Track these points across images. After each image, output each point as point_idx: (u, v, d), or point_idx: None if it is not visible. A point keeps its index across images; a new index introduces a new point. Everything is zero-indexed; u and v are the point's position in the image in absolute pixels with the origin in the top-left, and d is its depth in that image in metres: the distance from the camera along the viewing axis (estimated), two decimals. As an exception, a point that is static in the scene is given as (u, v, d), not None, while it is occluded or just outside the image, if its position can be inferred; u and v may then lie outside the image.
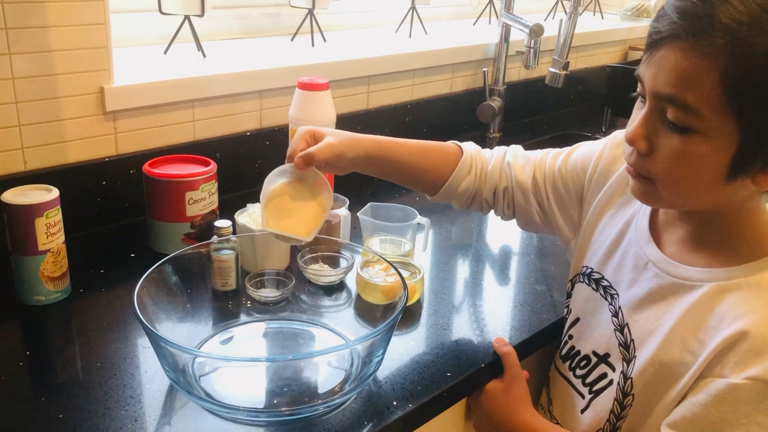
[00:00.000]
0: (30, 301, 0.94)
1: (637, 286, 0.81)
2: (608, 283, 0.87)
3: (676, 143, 0.69)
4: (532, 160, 0.97)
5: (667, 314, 0.77)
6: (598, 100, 2.13)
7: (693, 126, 0.67)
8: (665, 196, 0.74)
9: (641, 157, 0.73)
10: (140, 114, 1.19)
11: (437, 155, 0.96)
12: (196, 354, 0.84)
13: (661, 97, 0.69)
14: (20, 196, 0.91)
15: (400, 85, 1.63)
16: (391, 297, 0.94)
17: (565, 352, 0.92)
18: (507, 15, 1.72)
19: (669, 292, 0.78)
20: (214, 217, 1.11)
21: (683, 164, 0.69)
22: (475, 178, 0.96)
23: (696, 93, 0.65)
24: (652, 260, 0.80)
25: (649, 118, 0.71)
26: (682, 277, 0.77)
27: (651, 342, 0.78)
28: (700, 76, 0.65)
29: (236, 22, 1.56)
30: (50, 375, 0.82)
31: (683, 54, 0.65)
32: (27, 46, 1.02)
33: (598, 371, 0.85)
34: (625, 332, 0.82)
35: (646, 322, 0.79)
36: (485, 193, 0.97)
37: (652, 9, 2.44)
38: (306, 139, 0.86)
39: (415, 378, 0.85)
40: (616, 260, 0.86)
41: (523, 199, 0.96)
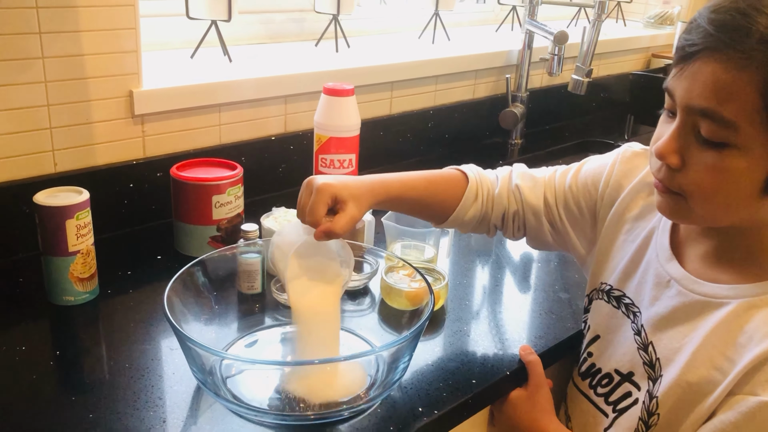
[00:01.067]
0: (59, 302, 0.95)
1: (659, 303, 0.80)
2: (630, 301, 0.85)
3: (710, 158, 0.67)
4: (541, 180, 0.95)
5: (693, 332, 0.76)
6: (621, 108, 2.12)
7: (729, 140, 0.65)
8: (697, 212, 0.72)
9: (671, 172, 0.71)
10: (168, 117, 1.20)
11: (443, 187, 0.94)
12: (224, 356, 0.84)
13: (695, 110, 0.67)
14: (51, 198, 0.93)
15: (422, 91, 1.63)
16: (416, 303, 0.95)
17: (585, 369, 0.91)
18: (531, 22, 1.72)
19: (694, 309, 0.77)
20: (239, 221, 1.12)
21: (718, 180, 0.68)
22: (482, 206, 0.95)
23: (734, 106, 0.64)
24: (675, 278, 0.79)
25: (680, 133, 0.69)
26: (708, 294, 0.76)
27: (677, 361, 0.77)
28: (739, 88, 0.63)
29: (261, 27, 1.58)
30: (80, 375, 0.84)
31: (720, 66, 0.64)
32: (59, 50, 1.04)
33: (621, 390, 0.84)
34: (649, 351, 0.80)
35: (671, 340, 0.78)
36: (493, 218, 0.96)
37: (676, 17, 2.43)
38: (327, 203, 0.81)
39: (440, 384, 0.85)
40: (637, 277, 0.85)
41: (535, 222, 0.95)
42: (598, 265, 0.92)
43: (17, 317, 0.93)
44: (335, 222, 0.80)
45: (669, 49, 2.39)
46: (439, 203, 0.94)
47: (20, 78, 1.02)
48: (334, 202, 0.81)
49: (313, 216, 0.80)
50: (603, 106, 2.19)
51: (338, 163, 1.23)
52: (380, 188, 0.88)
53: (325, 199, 0.80)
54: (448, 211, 0.94)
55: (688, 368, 0.75)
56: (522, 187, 0.95)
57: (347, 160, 1.23)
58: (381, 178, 0.90)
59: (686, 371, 0.75)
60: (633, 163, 0.90)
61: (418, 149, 1.65)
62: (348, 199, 0.82)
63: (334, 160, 1.22)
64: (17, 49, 1.00)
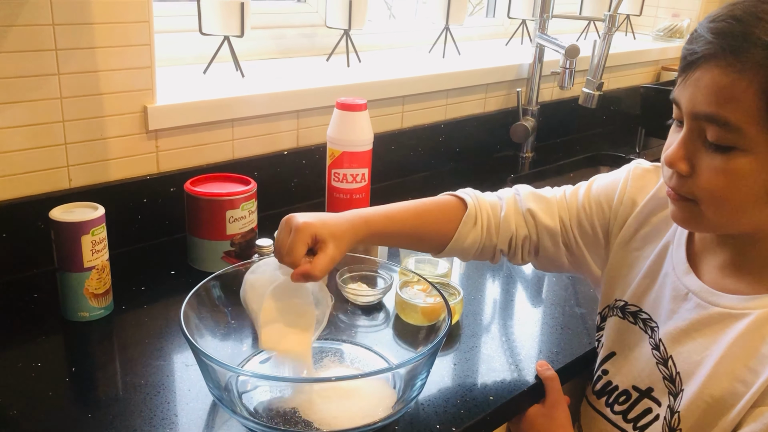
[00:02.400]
0: (74, 317, 0.95)
1: (677, 317, 0.80)
2: (647, 316, 0.85)
3: (718, 162, 0.68)
4: (554, 201, 0.93)
5: (714, 345, 0.75)
6: (631, 121, 2.11)
7: (735, 143, 0.67)
8: (710, 217, 0.72)
9: (682, 179, 0.72)
10: (181, 133, 1.21)
11: (436, 216, 0.91)
12: (241, 372, 0.84)
13: (699, 116, 0.69)
14: (67, 214, 0.93)
15: (434, 105, 1.63)
16: (431, 318, 0.94)
17: (600, 387, 0.89)
18: (541, 36, 1.72)
19: (713, 321, 0.76)
20: (253, 236, 1.12)
21: (727, 182, 0.69)
22: (482, 231, 0.91)
23: (736, 109, 0.65)
24: (693, 290, 0.79)
25: (687, 140, 0.71)
26: (727, 306, 0.75)
27: (699, 374, 0.76)
28: (740, 92, 0.65)
29: (272, 42, 1.58)
30: (96, 391, 0.83)
31: (721, 72, 0.66)
32: (75, 66, 1.05)
33: (641, 406, 0.83)
34: (669, 365, 0.80)
35: (691, 353, 0.77)
36: (499, 243, 0.92)
37: (685, 29, 2.43)
38: (306, 242, 0.78)
39: (458, 401, 0.84)
40: (653, 292, 0.84)
41: (552, 244, 0.91)
42: (610, 282, 0.91)
43: (33, 333, 0.93)
44: (314, 264, 0.77)
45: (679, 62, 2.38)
46: (434, 233, 0.90)
47: (36, 94, 1.02)
48: (314, 241, 0.79)
49: (292, 256, 0.77)
50: (613, 119, 2.19)
51: (351, 178, 1.23)
52: (362, 225, 0.83)
53: (305, 239, 0.78)
54: (445, 239, 0.90)
55: (710, 381, 0.74)
56: (535, 210, 0.91)
57: (360, 174, 1.23)
58: (364, 213, 0.86)
59: (709, 384, 0.74)
60: (645, 180, 0.89)
61: (430, 163, 1.65)
62: (328, 238, 0.79)
63: (347, 175, 1.22)
64: (34, 66, 1.01)
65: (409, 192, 1.50)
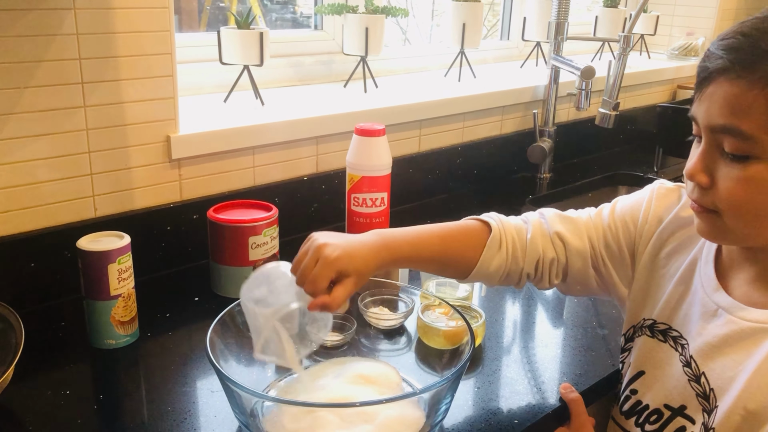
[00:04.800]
0: (101, 345, 0.97)
1: (707, 333, 0.80)
2: (678, 333, 0.85)
3: (735, 172, 0.71)
4: (581, 223, 0.93)
5: (747, 360, 0.75)
6: (648, 140, 2.11)
7: (750, 152, 0.69)
8: (733, 228, 0.74)
9: (703, 191, 0.74)
10: (203, 161, 1.23)
11: (460, 240, 0.90)
12: (267, 398, 0.85)
13: (716, 129, 0.71)
14: (94, 243, 0.95)
15: (450, 128, 1.65)
16: (454, 342, 0.94)
17: (629, 407, 0.89)
18: (556, 57, 1.73)
19: (745, 336, 0.76)
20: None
21: (745, 191, 0.71)
22: (507, 255, 0.90)
23: (749, 120, 0.68)
24: (723, 306, 0.79)
25: (706, 153, 0.73)
26: (758, 320, 0.75)
27: (733, 389, 0.76)
28: (751, 103, 0.68)
29: (290, 70, 1.61)
30: (124, 419, 0.84)
31: (732, 84, 0.69)
32: (100, 99, 1.07)
33: (674, 425, 0.82)
34: (702, 382, 0.79)
35: (724, 369, 0.77)
36: (526, 267, 0.91)
37: (700, 48, 2.43)
38: (331, 277, 0.78)
39: (482, 425, 0.84)
40: (683, 310, 0.84)
41: (582, 266, 0.91)
42: (636, 302, 0.91)
43: (60, 361, 0.94)
44: (334, 297, 0.78)
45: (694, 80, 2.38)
46: (458, 257, 0.90)
47: (63, 126, 1.05)
48: (338, 276, 0.79)
49: (315, 288, 0.78)
50: (630, 138, 2.19)
51: (370, 202, 1.24)
52: (386, 254, 0.84)
53: (330, 274, 0.78)
54: (470, 264, 0.89)
55: (745, 395, 0.74)
56: (563, 232, 0.91)
57: (379, 198, 1.24)
58: (389, 239, 0.86)
59: (743, 398, 0.74)
60: (668, 199, 0.90)
61: (447, 185, 1.66)
62: (352, 274, 0.79)
63: (366, 199, 1.23)
64: (61, 99, 1.03)
65: (428, 215, 1.51)
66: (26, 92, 1.00)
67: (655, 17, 2.34)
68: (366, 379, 0.87)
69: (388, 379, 0.88)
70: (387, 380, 0.88)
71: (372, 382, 0.87)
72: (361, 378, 0.87)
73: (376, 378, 0.87)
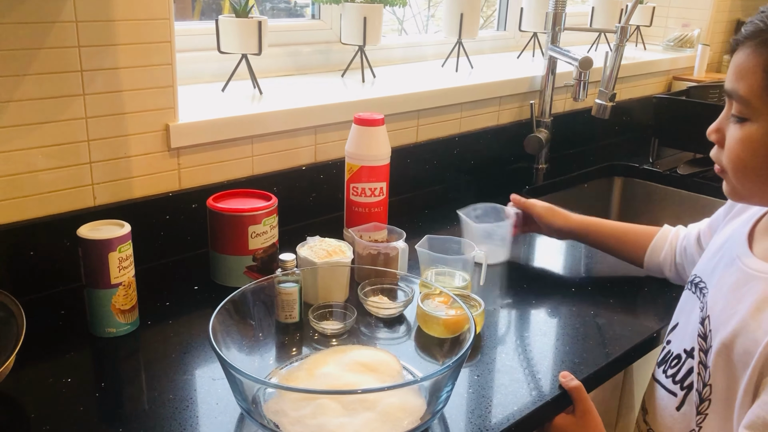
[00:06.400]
0: (102, 333, 0.97)
1: (722, 280, 0.86)
2: (704, 284, 0.90)
3: (736, 132, 0.79)
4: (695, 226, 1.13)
5: (740, 304, 0.80)
6: (644, 131, 2.12)
7: (746, 115, 0.77)
8: (737, 186, 0.82)
9: (719, 152, 0.83)
10: (202, 150, 1.22)
11: (635, 235, 1.20)
12: (269, 385, 0.85)
13: (728, 93, 0.80)
14: (94, 231, 0.95)
15: (448, 119, 1.65)
16: (453, 330, 0.95)
17: (661, 358, 0.96)
18: (553, 48, 1.74)
19: (744, 283, 0.82)
20: (275, 250, 1.13)
21: (741, 150, 0.78)
22: (672, 251, 1.14)
23: (746, 84, 0.76)
24: (739, 256, 0.85)
25: (723, 116, 0.83)
26: (760, 270, 0.81)
27: (723, 330, 0.81)
28: (750, 69, 0.76)
29: (288, 59, 1.61)
30: (125, 406, 0.84)
31: (741, 55, 0.78)
32: (99, 87, 1.07)
33: (686, 367, 0.88)
34: (705, 324, 0.85)
35: (722, 312, 0.83)
36: (678, 258, 1.14)
37: (695, 39, 2.44)
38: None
39: (483, 412, 0.85)
40: (714, 264, 0.91)
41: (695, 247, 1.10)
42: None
43: (61, 349, 0.94)
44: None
45: (690, 71, 2.39)
46: (633, 241, 1.19)
47: (62, 115, 1.04)
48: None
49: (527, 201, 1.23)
50: (626, 129, 2.20)
51: (369, 192, 1.24)
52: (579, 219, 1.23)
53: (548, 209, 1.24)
54: (643, 249, 1.17)
55: (731, 337, 0.79)
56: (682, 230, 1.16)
57: (378, 188, 1.25)
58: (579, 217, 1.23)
59: (729, 339, 0.80)
60: None
61: (445, 176, 1.66)
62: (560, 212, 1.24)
63: (365, 189, 1.24)
64: (60, 87, 1.03)
65: (426, 205, 1.51)
66: (25, 80, 1.00)
67: (651, 8, 2.34)
68: (367, 366, 0.88)
69: (389, 367, 0.89)
70: (388, 368, 0.88)
71: (373, 369, 0.88)
72: (362, 366, 0.88)
73: (377, 366, 0.88)
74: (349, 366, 0.88)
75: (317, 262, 1.04)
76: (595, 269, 1.28)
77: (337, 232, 1.28)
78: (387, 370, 0.88)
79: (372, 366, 0.88)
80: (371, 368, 0.88)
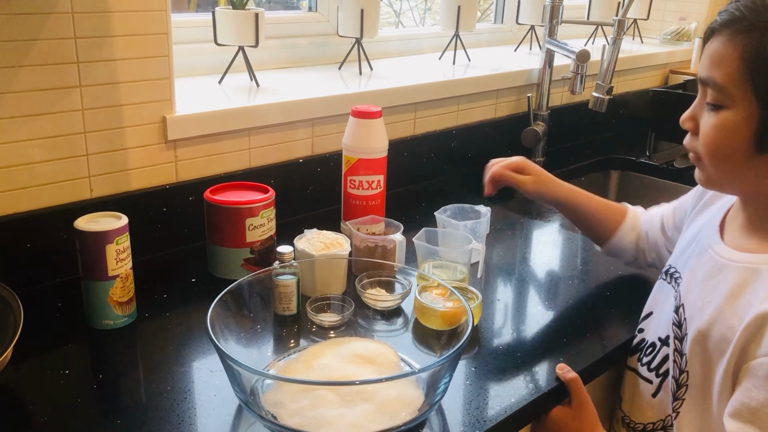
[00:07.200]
0: (99, 326, 0.97)
1: (695, 270, 0.88)
2: (678, 274, 0.92)
3: (711, 119, 0.79)
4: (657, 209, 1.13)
5: (714, 293, 0.82)
6: (641, 124, 2.12)
7: (722, 102, 0.77)
8: (710, 174, 0.82)
9: (693, 138, 0.83)
10: (199, 142, 1.22)
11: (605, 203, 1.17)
12: (267, 376, 0.85)
13: (702, 81, 0.80)
14: (92, 223, 0.95)
15: (445, 112, 1.65)
16: (450, 322, 0.95)
17: (634, 345, 0.97)
18: (551, 41, 1.73)
19: (718, 272, 0.83)
20: (272, 243, 1.13)
21: (716, 136, 0.79)
22: (639, 237, 1.13)
23: (722, 71, 0.76)
24: (711, 246, 0.87)
25: (697, 104, 0.83)
26: (732, 259, 0.82)
27: (698, 318, 0.82)
28: (726, 57, 0.76)
29: (284, 52, 1.60)
30: (124, 398, 0.84)
31: (716, 43, 0.78)
32: (96, 78, 1.06)
33: (661, 354, 0.90)
34: (680, 312, 0.87)
35: (696, 300, 0.84)
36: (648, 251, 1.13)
37: (692, 33, 2.44)
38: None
39: (480, 404, 0.85)
40: (687, 253, 0.94)
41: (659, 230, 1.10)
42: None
43: (59, 341, 0.94)
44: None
45: (687, 64, 2.40)
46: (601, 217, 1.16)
47: (58, 106, 1.04)
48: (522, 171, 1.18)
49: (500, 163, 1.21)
50: (623, 122, 2.20)
51: (367, 184, 1.24)
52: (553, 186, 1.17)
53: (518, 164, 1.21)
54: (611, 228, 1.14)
55: (707, 327, 0.81)
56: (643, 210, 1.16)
57: (375, 181, 1.24)
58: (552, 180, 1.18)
59: (705, 327, 0.81)
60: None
61: (442, 169, 1.66)
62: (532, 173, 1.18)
63: (362, 182, 1.24)
64: (56, 79, 1.02)
65: (423, 198, 1.51)
66: (21, 71, 0.99)
67: (648, 1, 2.34)
68: (365, 358, 0.88)
69: (387, 359, 0.89)
70: (385, 359, 0.89)
71: (371, 361, 0.88)
72: (360, 357, 0.88)
73: (374, 357, 0.88)
74: (347, 358, 0.88)
75: (315, 255, 1.04)
76: (592, 262, 1.28)
77: (334, 225, 1.28)
78: (385, 362, 0.88)
79: (370, 358, 0.88)
80: (369, 360, 0.88)
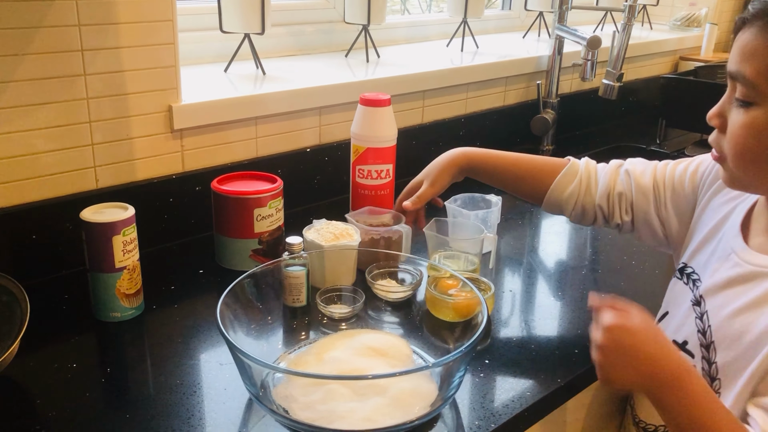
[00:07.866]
0: (106, 318, 0.95)
1: (717, 274, 0.83)
2: (696, 275, 0.87)
3: (739, 117, 0.74)
4: (652, 165, 1.00)
5: (744, 299, 0.77)
6: (651, 111, 2.10)
7: (752, 99, 0.72)
8: (736, 174, 0.77)
9: (719, 137, 0.78)
10: (206, 131, 1.20)
11: (538, 162, 1.06)
12: (278, 370, 0.83)
13: (731, 75, 0.75)
14: (98, 214, 0.93)
15: (454, 99, 1.62)
16: (463, 314, 0.94)
17: None
18: (561, 27, 1.71)
19: (746, 279, 0.79)
20: (280, 233, 1.11)
21: (745, 135, 0.74)
22: (581, 185, 1.01)
23: (753, 66, 0.71)
24: (735, 250, 0.82)
25: (725, 99, 0.77)
26: (759, 264, 0.78)
27: (727, 326, 0.78)
28: (758, 50, 0.71)
29: (290, 39, 1.58)
30: (132, 391, 0.83)
31: (747, 34, 0.73)
32: (101, 67, 1.04)
33: None
34: (704, 319, 0.82)
35: (722, 308, 0.80)
36: (598, 199, 1.00)
37: (703, 19, 2.40)
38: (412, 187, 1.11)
39: (495, 397, 0.84)
40: (706, 253, 0.88)
41: (645, 206, 0.98)
42: (683, 248, 0.94)
43: (66, 334, 0.93)
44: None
45: (697, 51, 2.36)
46: (535, 173, 1.05)
47: (63, 95, 1.02)
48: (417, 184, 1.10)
49: None
50: (633, 110, 2.17)
51: (375, 174, 1.22)
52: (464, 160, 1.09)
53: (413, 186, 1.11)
54: (545, 185, 1.03)
55: (739, 334, 0.76)
56: (632, 171, 1.00)
57: (384, 170, 1.23)
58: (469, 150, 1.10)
59: (738, 337, 0.77)
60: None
61: (450, 158, 1.64)
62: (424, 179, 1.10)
63: (371, 171, 1.22)
64: (60, 67, 1.01)
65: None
66: (24, 59, 0.97)
67: (658, -13, 2.31)
68: (376, 351, 0.87)
69: (399, 351, 0.87)
70: (398, 352, 0.87)
71: (383, 354, 0.86)
72: (372, 350, 0.87)
73: (386, 350, 0.87)
74: (358, 350, 0.87)
75: (324, 246, 1.03)
76: (605, 251, 1.27)
77: (342, 215, 1.26)
78: (397, 355, 0.87)
79: (382, 350, 0.87)
80: (381, 352, 0.86)
